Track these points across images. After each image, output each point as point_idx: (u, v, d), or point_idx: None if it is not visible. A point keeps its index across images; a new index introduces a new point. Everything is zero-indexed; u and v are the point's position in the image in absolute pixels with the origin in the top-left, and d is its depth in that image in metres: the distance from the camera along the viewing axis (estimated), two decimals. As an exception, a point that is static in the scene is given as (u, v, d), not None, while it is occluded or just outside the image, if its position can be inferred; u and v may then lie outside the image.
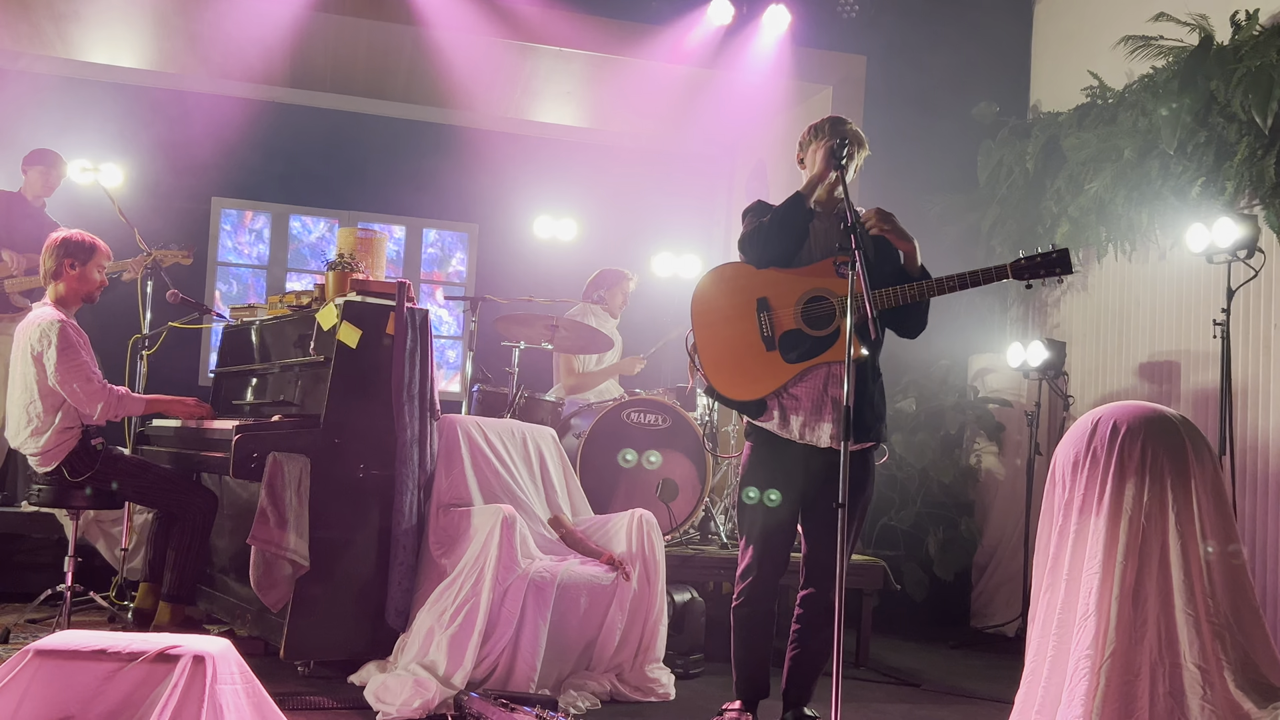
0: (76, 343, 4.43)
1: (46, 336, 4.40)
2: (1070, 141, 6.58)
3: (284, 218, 8.30)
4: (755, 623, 3.72)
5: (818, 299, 3.64)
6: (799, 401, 3.66)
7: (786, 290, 3.67)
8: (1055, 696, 3.45)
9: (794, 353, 3.64)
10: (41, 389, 4.42)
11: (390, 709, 3.76)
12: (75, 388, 4.39)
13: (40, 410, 4.42)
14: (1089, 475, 3.58)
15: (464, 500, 4.49)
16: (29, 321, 4.51)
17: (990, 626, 6.60)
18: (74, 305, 4.61)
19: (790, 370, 3.64)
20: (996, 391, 6.97)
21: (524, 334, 5.80)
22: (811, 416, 3.66)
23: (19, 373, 4.50)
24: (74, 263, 4.56)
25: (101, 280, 4.65)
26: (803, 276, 3.67)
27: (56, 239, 4.58)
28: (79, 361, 4.41)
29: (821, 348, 3.62)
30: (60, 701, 2.70)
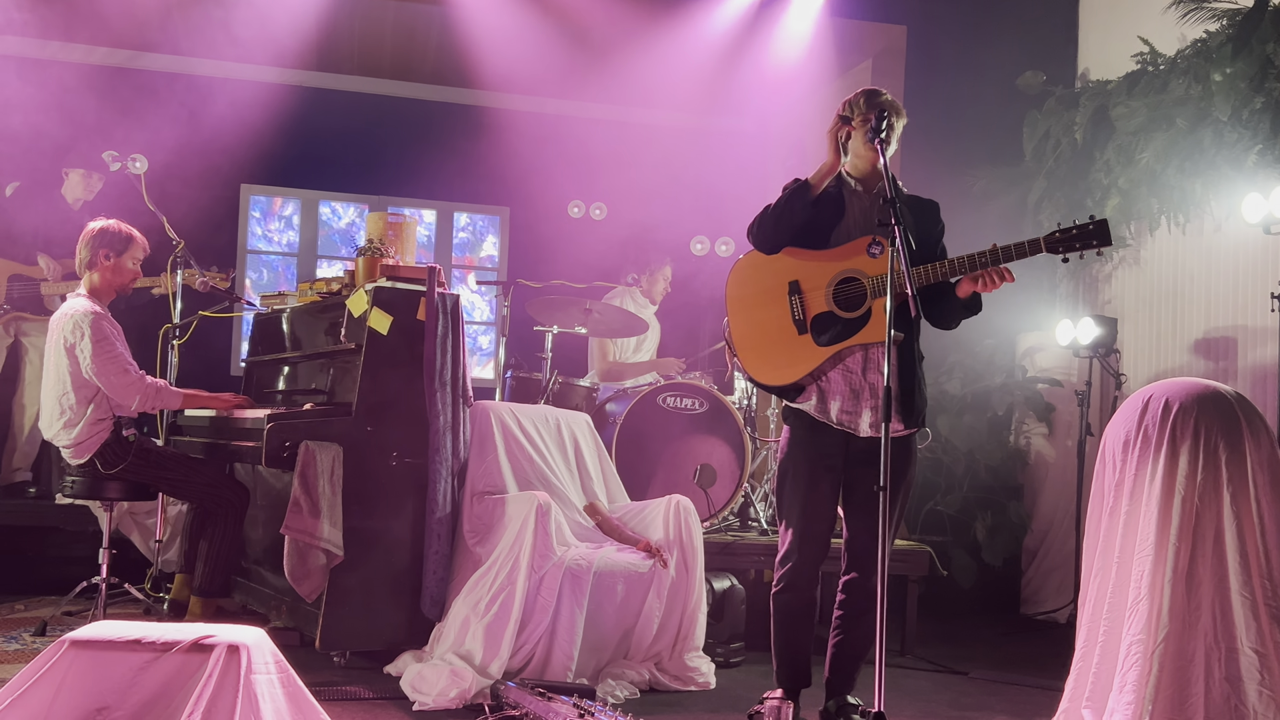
0: (110, 334, 4.50)
1: (79, 328, 4.48)
2: (1120, 110, 6.50)
3: (313, 204, 8.38)
4: (796, 609, 3.73)
5: (849, 280, 3.63)
6: (837, 386, 3.66)
7: (818, 272, 3.66)
8: (1106, 683, 3.44)
9: (825, 335, 3.64)
10: (75, 380, 4.50)
11: (427, 699, 3.81)
12: (112, 379, 4.47)
13: (73, 402, 4.50)
14: (1140, 455, 3.55)
15: (498, 488, 4.53)
16: (62, 313, 4.60)
17: (1041, 613, 6.57)
18: (108, 296, 4.69)
19: (822, 353, 3.64)
20: (1045, 371, 6.92)
21: (557, 318, 5.83)
22: (850, 402, 3.65)
23: (53, 364, 4.58)
24: (109, 253, 4.63)
25: (136, 272, 4.73)
26: (835, 258, 3.67)
27: (94, 229, 4.67)
28: (115, 353, 4.48)
29: (853, 329, 3.61)
30: (96, 692, 2.76)
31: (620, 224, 8.48)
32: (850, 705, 3.73)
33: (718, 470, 5.61)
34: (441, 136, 8.29)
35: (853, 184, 3.76)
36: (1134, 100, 6.44)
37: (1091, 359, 6.34)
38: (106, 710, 2.75)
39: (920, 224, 3.71)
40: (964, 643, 5.66)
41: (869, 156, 3.70)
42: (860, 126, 3.66)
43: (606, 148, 8.31)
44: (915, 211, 3.71)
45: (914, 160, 6.62)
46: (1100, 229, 3.45)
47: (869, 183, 3.75)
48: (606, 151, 8.29)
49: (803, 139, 8.15)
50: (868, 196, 3.73)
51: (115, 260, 4.64)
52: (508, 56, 7.56)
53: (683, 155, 8.48)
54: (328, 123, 8.04)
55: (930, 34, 7.26)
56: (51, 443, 4.66)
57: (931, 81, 7.14)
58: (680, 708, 4.05)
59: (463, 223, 8.73)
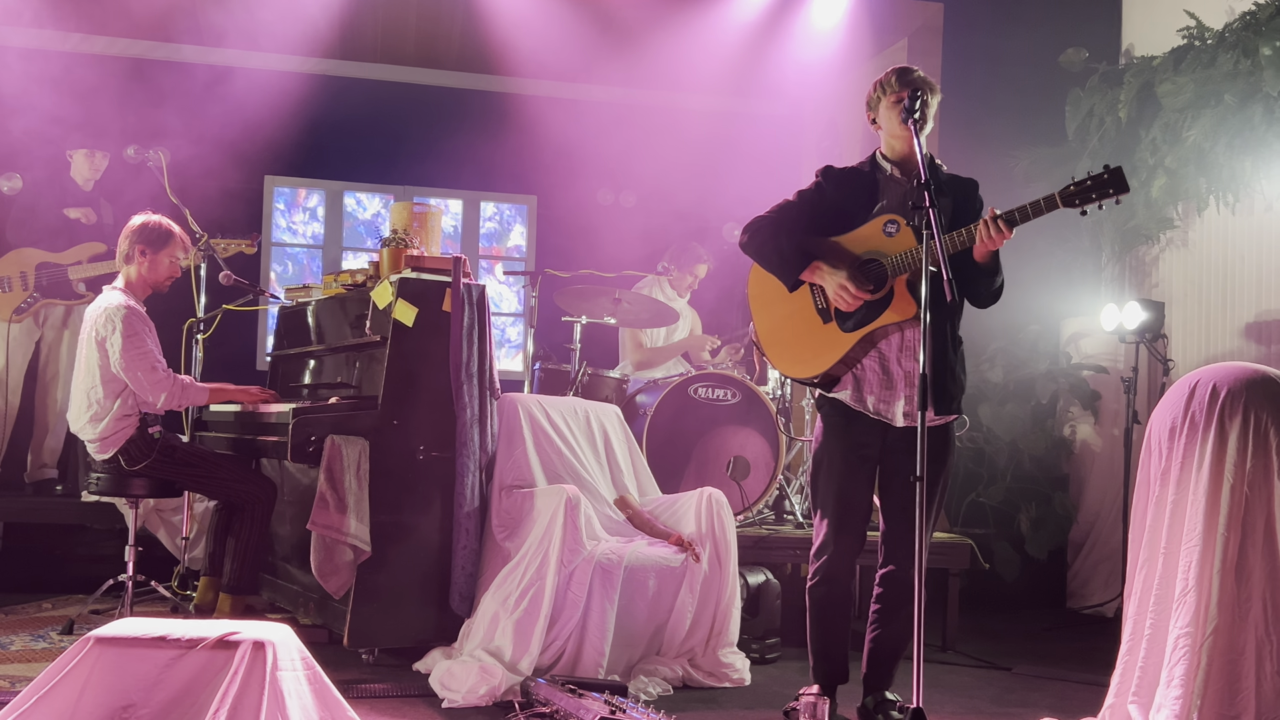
0: (142, 330, 4.56)
1: (111, 322, 4.54)
2: (1166, 87, 6.43)
3: (338, 195, 8.43)
4: (832, 602, 3.73)
5: (869, 262, 3.62)
6: (873, 375, 3.65)
7: (838, 258, 3.66)
8: (1154, 677, 3.41)
9: (850, 321, 3.64)
10: (104, 374, 4.55)
11: (456, 696, 3.83)
12: (139, 375, 4.52)
13: (100, 396, 4.56)
14: (1187, 441, 3.52)
15: (526, 481, 4.55)
16: (96, 306, 4.66)
17: (1088, 607, 6.53)
18: (143, 292, 4.74)
19: (849, 339, 3.63)
20: (1090, 357, 6.87)
21: (586, 308, 5.84)
22: (885, 391, 3.65)
23: (84, 357, 4.65)
24: (145, 249, 4.69)
25: (173, 271, 4.79)
26: (852, 242, 3.66)
27: (135, 224, 4.74)
28: (144, 349, 4.53)
29: (876, 311, 3.60)
30: (121, 689, 2.80)
31: (650, 211, 8.48)
32: (888, 701, 3.73)
33: (751, 463, 5.61)
34: (467, 124, 8.30)
35: (888, 168, 3.74)
36: (1180, 76, 6.36)
37: (1138, 344, 6.28)
38: (132, 708, 2.80)
39: (959, 204, 3.68)
40: (1007, 638, 5.63)
41: (904, 137, 3.68)
42: (893, 106, 3.64)
43: (636, 134, 8.30)
44: (954, 191, 3.69)
45: (952, 142, 6.57)
46: (1115, 176, 3.38)
47: (906, 165, 3.72)
48: (636, 137, 8.28)
49: (836, 120, 8.11)
50: (905, 180, 3.71)
51: (151, 257, 4.70)
52: (534, 42, 7.57)
53: (714, 140, 8.46)
54: (352, 112, 8.08)
55: (968, 11, 7.20)
56: (77, 436, 4.72)
57: (970, 60, 7.08)
58: (715, 705, 4.05)
59: (489, 212, 8.75)
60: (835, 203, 3.74)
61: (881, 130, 3.76)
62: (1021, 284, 6.42)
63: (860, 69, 7.75)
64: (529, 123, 8.22)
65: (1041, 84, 7.15)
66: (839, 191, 3.76)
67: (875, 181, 3.74)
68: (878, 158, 3.78)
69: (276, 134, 7.75)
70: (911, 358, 3.63)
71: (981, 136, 6.78)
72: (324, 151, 8.17)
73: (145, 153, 6.35)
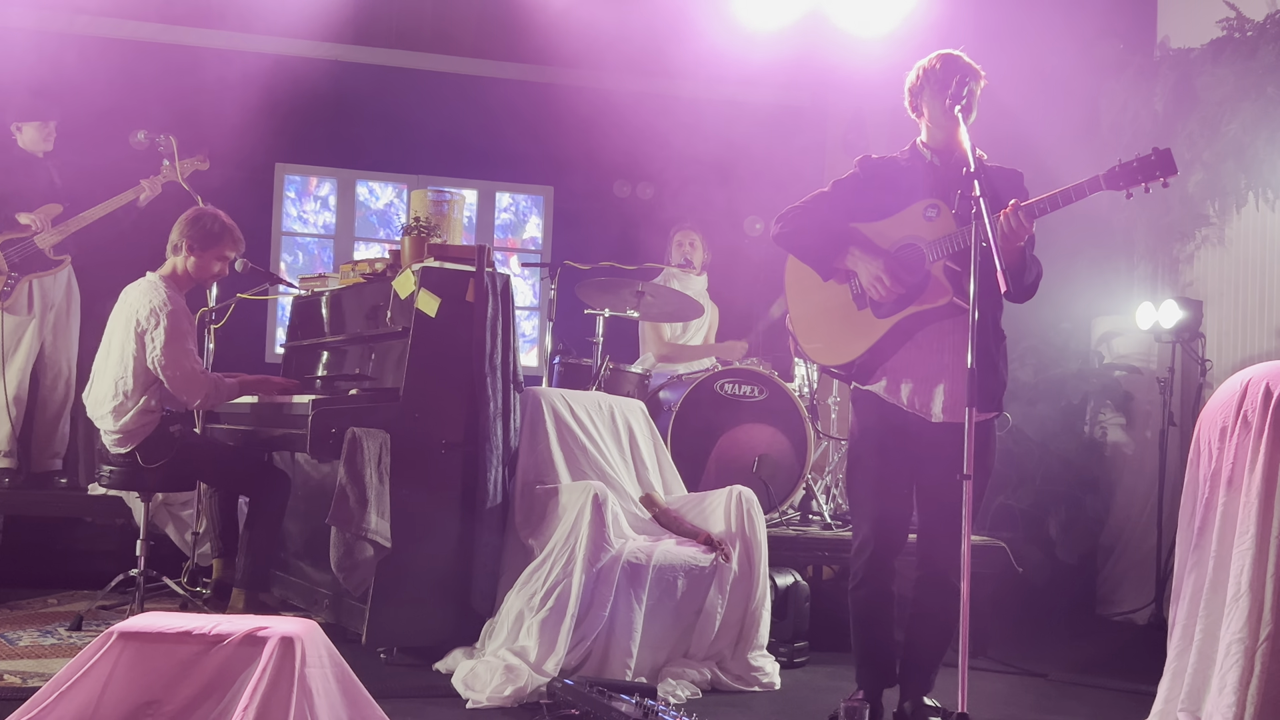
0: (187, 330, 4.54)
1: (156, 317, 4.49)
2: (1204, 80, 6.39)
3: (350, 183, 8.40)
4: (874, 604, 3.70)
5: (907, 247, 3.60)
6: (909, 367, 3.62)
7: (875, 245, 3.64)
8: (1203, 684, 3.38)
9: (884, 306, 3.61)
10: (137, 367, 4.51)
11: (480, 697, 3.81)
12: (179, 375, 4.47)
13: (129, 388, 4.52)
14: (1239, 443, 3.48)
15: (550, 477, 4.52)
16: (140, 291, 4.60)
17: (1118, 614, 6.49)
18: (186, 285, 4.71)
19: (882, 325, 3.61)
20: (1123, 357, 6.83)
21: (609, 301, 5.80)
22: (922, 385, 3.61)
23: (117, 343, 4.59)
24: (194, 246, 4.65)
25: (222, 271, 4.76)
26: (891, 228, 3.64)
27: (191, 215, 4.71)
28: (186, 349, 4.51)
29: (911, 297, 3.57)
30: (145, 684, 2.78)
31: (669, 204, 8.44)
32: (928, 708, 3.70)
33: (778, 461, 5.58)
34: (483, 113, 8.27)
35: (928, 156, 3.71)
36: (1219, 69, 6.33)
37: (1174, 344, 6.24)
38: (156, 704, 2.78)
39: (1002, 196, 3.65)
40: (1038, 643, 5.60)
41: (947, 126, 3.65)
42: (938, 93, 3.61)
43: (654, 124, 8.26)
44: (997, 182, 3.65)
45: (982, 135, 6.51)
46: (1163, 158, 3.36)
47: (947, 154, 3.69)
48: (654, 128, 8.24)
49: (861, 112, 8.08)
50: (946, 170, 3.67)
51: (199, 255, 4.65)
52: (552, 28, 7.54)
53: (735, 131, 8.42)
54: (365, 99, 8.05)
55: (1000, 2, 7.16)
56: (95, 424, 4.68)
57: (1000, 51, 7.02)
58: (746, 709, 4.03)
59: (505, 203, 8.73)
60: (873, 193, 3.72)
61: (923, 118, 3.73)
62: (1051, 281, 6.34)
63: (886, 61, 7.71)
64: (546, 111, 8.19)
65: (1074, 77, 7.11)
66: (877, 181, 3.73)
67: (915, 170, 3.71)
68: (918, 146, 3.75)
69: (288, 120, 7.72)
70: (950, 350, 3.60)
71: (1011, 129, 6.73)
72: (336, 139, 8.14)
73: (155, 137, 6.33)
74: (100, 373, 4.66)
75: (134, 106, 6.98)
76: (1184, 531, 3.62)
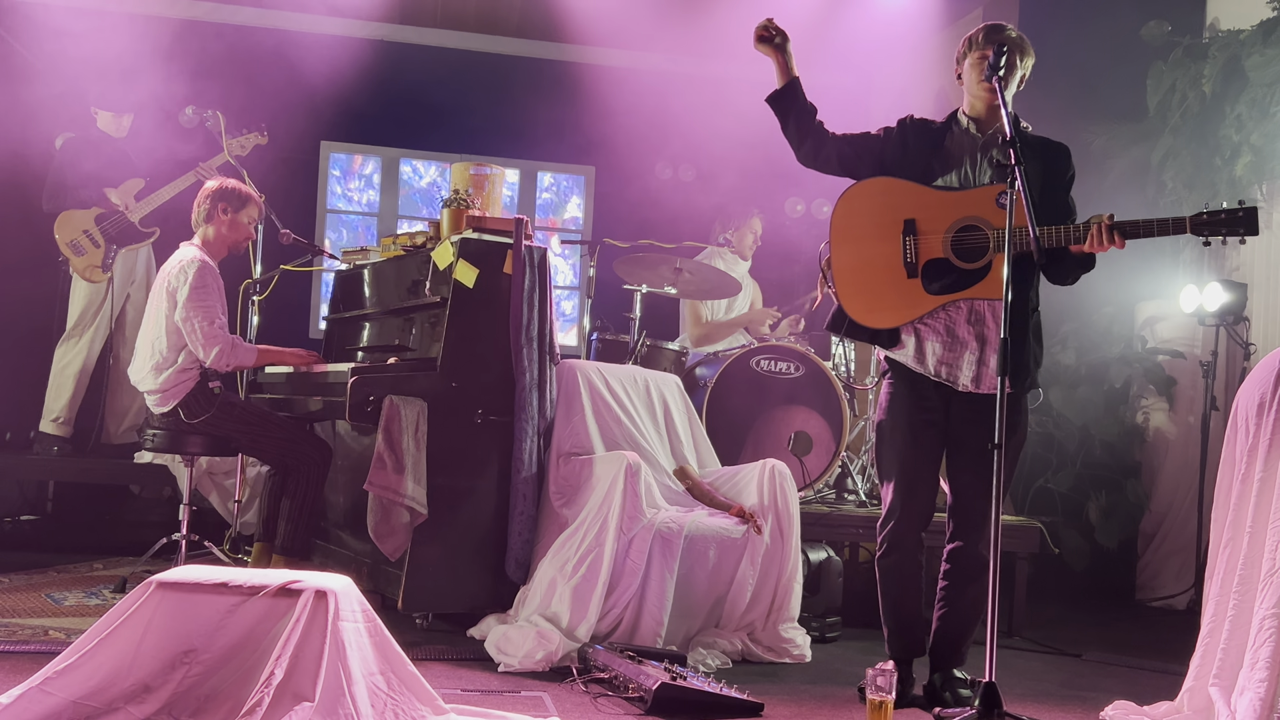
0: (211, 284, 4.64)
1: (185, 273, 4.62)
2: (1253, 61, 6.30)
3: (394, 162, 8.48)
4: (902, 572, 3.71)
5: (971, 229, 3.57)
6: (936, 336, 3.61)
7: (938, 215, 3.61)
8: (1236, 659, 3.36)
9: (938, 284, 3.59)
10: (169, 325, 4.63)
11: (512, 660, 3.85)
12: (196, 325, 4.57)
13: (164, 347, 4.63)
14: (1276, 417, 3.45)
15: (585, 448, 4.56)
16: (173, 260, 4.75)
17: (1157, 599, 6.44)
18: (220, 252, 4.83)
19: (930, 302, 3.59)
20: (1167, 342, 6.76)
21: (646, 277, 5.82)
22: (949, 354, 3.61)
23: (154, 308, 4.73)
24: (227, 208, 4.80)
25: (250, 233, 4.91)
26: (959, 202, 3.60)
27: (212, 187, 4.85)
28: (207, 302, 4.60)
29: (969, 282, 3.56)
30: (183, 634, 2.84)
31: (710, 186, 8.44)
32: (957, 679, 3.70)
33: (813, 438, 5.59)
34: (526, 93, 8.32)
35: (965, 122, 3.71)
36: (1270, 49, 6.23)
37: (1218, 327, 6.17)
38: (194, 653, 2.84)
39: (1049, 169, 3.63)
40: (1075, 627, 5.57)
41: (984, 95, 3.65)
42: (977, 63, 3.61)
43: (697, 105, 8.26)
44: (1043, 155, 3.63)
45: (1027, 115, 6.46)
46: (1249, 216, 3.40)
47: (984, 123, 3.69)
48: (697, 109, 8.25)
49: (906, 92, 8.04)
50: (981, 137, 3.68)
51: (233, 215, 4.81)
52: (596, 9, 7.56)
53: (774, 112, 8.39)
54: (410, 78, 8.12)
55: (1048, -16, 7.10)
56: (138, 388, 4.78)
57: (1048, 32, 6.95)
58: (776, 679, 4.04)
59: (546, 183, 8.77)
60: (907, 152, 3.72)
61: (964, 86, 3.73)
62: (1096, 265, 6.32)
63: (932, 39, 7.68)
64: (588, 92, 8.21)
65: (1122, 57, 7.03)
66: (914, 142, 3.74)
67: (948, 134, 3.71)
68: (958, 115, 3.76)
69: (333, 100, 7.80)
70: (980, 321, 3.59)
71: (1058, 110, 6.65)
72: (381, 118, 8.22)
73: (203, 113, 6.44)
74: (141, 340, 4.78)
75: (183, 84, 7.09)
76: (1220, 507, 3.59)
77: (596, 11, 7.58)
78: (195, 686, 2.81)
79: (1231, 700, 3.30)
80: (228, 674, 2.82)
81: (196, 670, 2.82)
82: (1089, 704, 3.90)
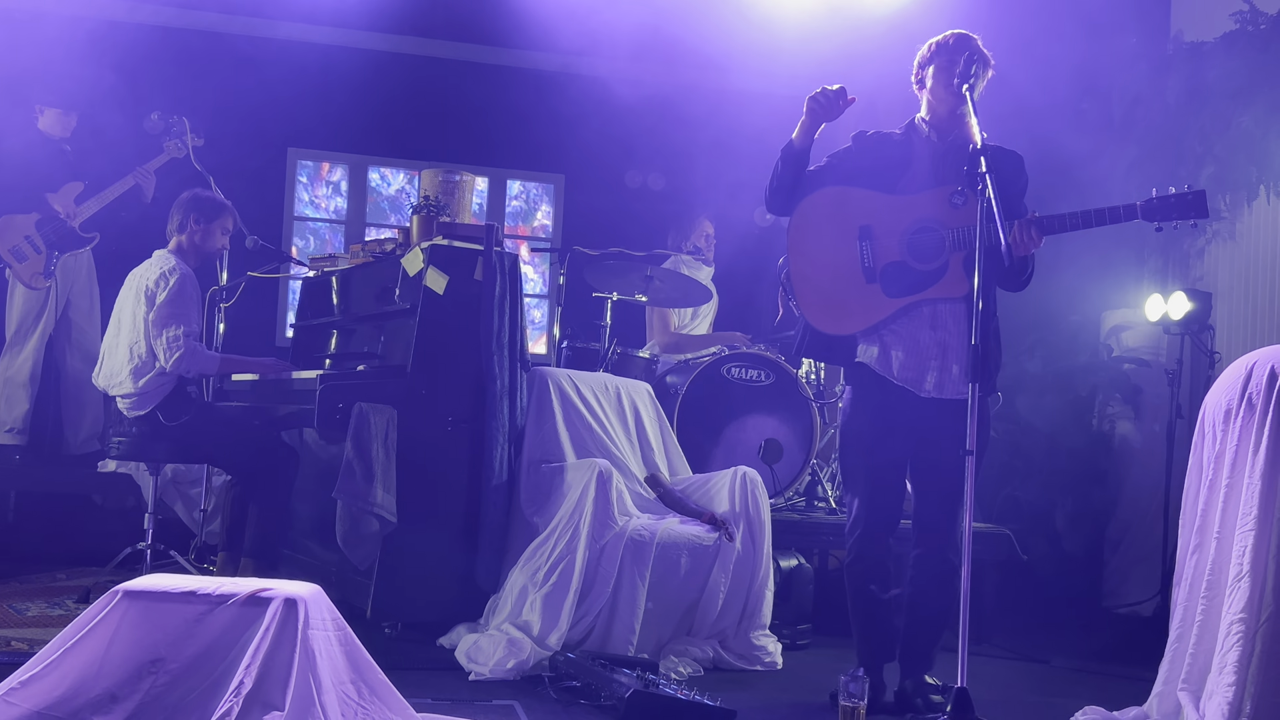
0: (191, 294, 4.63)
1: (166, 279, 4.59)
2: (1216, 73, 6.38)
3: (362, 169, 8.44)
4: (870, 578, 3.72)
5: (926, 229, 3.60)
6: (901, 341, 3.62)
7: (893, 219, 3.64)
8: (1204, 664, 3.38)
9: (896, 286, 3.61)
10: (147, 327, 4.58)
11: (483, 670, 3.83)
12: (164, 331, 4.52)
13: (144, 351, 4.58)
14: (1243, 425, 3.49)
15: (556, 456, 4.54)
16: (148, 264, 4.71)
17: (1123, 605, 6.48)
18: (193, 261, 4.81)
19: (890, 305, 3.61)
20: (1132, 350, 6.82)
21: (617, 285, 5.81)
22: (911, 359, 3.62)
23: (128, 312, 4.67)
24: (200, 218, 4.78)
25: (222, 243, 4.88)
26: (912, 206, 3.64)
27: (189, 195, 4.85)
28: (183, 311, 4.57)
29: (928, 282, 3.58)
30: (149, 643, 2.80)
31: (679, 195, 8.45)
32: (928, 685, 3.71)
33: (784, 446, 5.59)
34: (495, 100, 8.30)
35: (925, 130, 3.74)
36: (1233, 62, 6.32)
37: (1183, 336, 6.23)
38: (161, 662, 2.80)
39: (1003, 177, 3.65)
40: (1042, 633, 5.60)
41: (949, 101, 3.68)
42: (944, 68, 3.64)
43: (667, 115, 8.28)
44: (998, 163, 3.65)
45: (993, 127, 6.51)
46: (1198, 199, 3.43)
47: (944, 129, 3.71)
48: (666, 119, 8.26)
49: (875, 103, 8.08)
50: (941, 144, 3.70)
51: (205, 226, 4.79)
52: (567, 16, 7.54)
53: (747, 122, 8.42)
54: (378, 85, 8.07)
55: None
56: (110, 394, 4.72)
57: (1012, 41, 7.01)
58: (748, 686, 4.04)
59: (516, 190, 8.75)
60: (868, 165, 3.73)
61: (925, 92, 3.75)
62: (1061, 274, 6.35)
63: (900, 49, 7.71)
64: (558, 100, 8.19)
65: (1086, 68, 7.10)
66: (872, 154, 3.76)
67: (909, 143, 3.73)
68: (915, 122, 3.78)
69: (300, 106, 7.75)
70: (942, 326, 3.61)
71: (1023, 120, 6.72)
72: (349, 125, 8.16)
73: (169, 118, 6.38)
74: (111, 349, 4.72)
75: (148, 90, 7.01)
76: (1187, 513, 3.63)
77: (566, 19, 7.57)
78: (163, 696, 2.77)
79: (1200, 705, 3.33)
80: (196, 683, 2.78)
81: (164, 679, 2.78)
82: (1059, 710, 3.91)
